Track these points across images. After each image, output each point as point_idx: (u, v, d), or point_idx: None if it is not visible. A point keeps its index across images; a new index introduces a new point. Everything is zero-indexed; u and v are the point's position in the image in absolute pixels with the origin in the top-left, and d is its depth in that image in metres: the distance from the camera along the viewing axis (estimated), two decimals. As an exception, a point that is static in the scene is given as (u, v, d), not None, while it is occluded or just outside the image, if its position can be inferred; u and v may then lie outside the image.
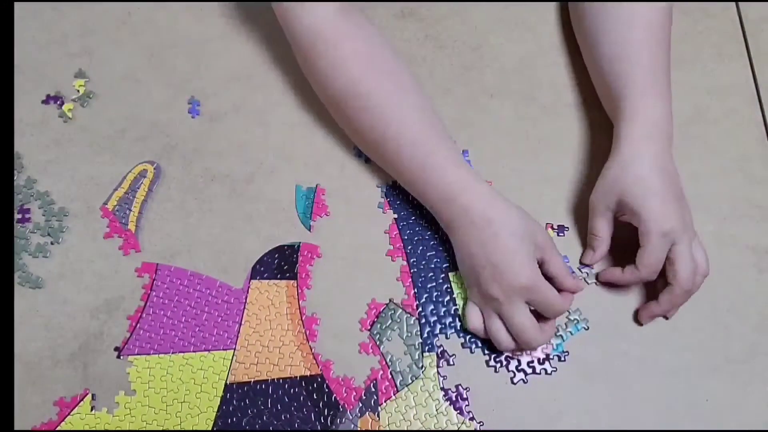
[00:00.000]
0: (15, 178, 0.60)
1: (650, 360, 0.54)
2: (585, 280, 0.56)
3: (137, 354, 0.54)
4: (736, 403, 0.53)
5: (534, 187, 0.61)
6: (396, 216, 0.59)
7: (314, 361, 0.54)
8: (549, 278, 0.52)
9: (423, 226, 0.58)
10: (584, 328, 0.55)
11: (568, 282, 0.53)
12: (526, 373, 0.54)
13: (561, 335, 0.55)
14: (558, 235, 0.59)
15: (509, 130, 0.63)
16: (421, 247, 0.58)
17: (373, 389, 0.53)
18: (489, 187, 0.53)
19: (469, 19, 0.68)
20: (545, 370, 0.54)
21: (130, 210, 0.59)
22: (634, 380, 0.54)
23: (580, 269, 0.57)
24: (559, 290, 0.53)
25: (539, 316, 0.52)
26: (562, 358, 0.54)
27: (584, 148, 0.63)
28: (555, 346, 0.55)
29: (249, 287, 0.57)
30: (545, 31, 0.68)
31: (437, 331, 0.55)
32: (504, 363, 0.54)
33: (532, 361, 0.54)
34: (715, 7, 0.69)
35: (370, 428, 0.52)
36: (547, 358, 0.54)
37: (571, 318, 0.56)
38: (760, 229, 0.59)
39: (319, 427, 0.52)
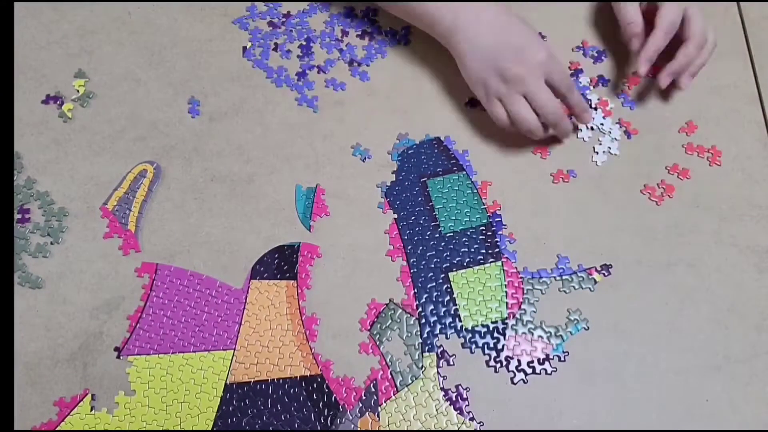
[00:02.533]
0: (15, 178, 0.60)
1: (650, 360, 0.54)
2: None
3: (137, 354, 0.54)
4: (737, 403, 0.53)
5: (534, 188, 0.60)
6: (396, 216, 0.59)
7: (314, 362, 0.54)
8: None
9: (423, 226, 0.58)
10: (584, 328, 0.55)
11: (574, 96, 0.58)
12: (526, 373, 0.54)
13: (561, 335, 0.55)
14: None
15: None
16: (421, 247, 0.58)
17: (373, 389, 0.53)
18: None
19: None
20: (545, 370, 0.54)
21: (130, 210, 0.59)
22: (634, 380, 0.54)
23: None
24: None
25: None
26: (562, 359, 0.54)
27: (584, 148, 0.62)
28: (555, 347, 0.54)
29: (249, 287, 0.57)
30: (545, 31, 0.67)
31: (437, 331, 0.55)
32: (504, 363, 0.54)
33: (532, 362, 0.54)
34: (716, 7, 0.69)
35: (370, 428, 0.52)
36: (547, 358, 0.54)
37: (572, 318, 0.55)
38: (761, 229, 0.59)
39: (319, 428, 0.52)
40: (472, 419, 0.52)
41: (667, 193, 0.60)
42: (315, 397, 0.53)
